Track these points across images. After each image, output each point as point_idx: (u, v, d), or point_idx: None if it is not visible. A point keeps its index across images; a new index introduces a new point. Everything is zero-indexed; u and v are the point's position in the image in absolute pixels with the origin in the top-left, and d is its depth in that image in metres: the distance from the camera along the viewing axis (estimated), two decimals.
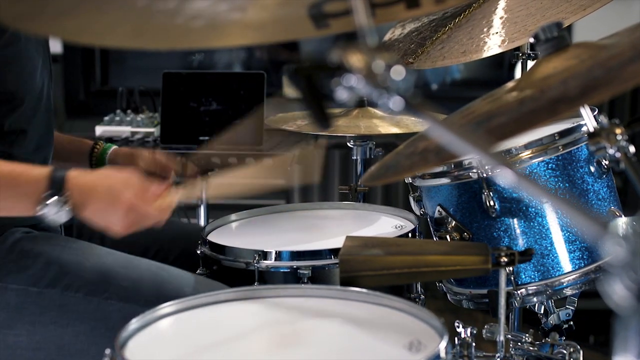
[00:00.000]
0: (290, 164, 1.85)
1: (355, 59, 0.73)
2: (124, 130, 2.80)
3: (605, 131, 1.26)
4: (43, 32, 0.94)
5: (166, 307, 1.36)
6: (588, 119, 1.32)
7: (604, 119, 1.32)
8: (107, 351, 1.21)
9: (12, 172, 1.56)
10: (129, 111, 2.89)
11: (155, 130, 2.81)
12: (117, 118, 2.84)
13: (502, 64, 4.38)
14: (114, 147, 2.13)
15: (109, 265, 1.71)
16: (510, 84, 1.49)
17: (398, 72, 0.71)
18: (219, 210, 2.84)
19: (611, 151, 1.24)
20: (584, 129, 1.67)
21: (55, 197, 1.52)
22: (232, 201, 2.47)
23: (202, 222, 2.72)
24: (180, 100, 2.70)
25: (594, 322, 3.75)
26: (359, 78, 0.73)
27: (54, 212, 1.52)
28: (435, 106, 0.96)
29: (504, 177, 0.64)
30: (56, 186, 1.53)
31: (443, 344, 1.19)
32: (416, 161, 1.23)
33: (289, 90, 4.07)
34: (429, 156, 1.19)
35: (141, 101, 3.01)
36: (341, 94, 0.74)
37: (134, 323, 1.29)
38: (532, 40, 1.34)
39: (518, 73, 4.31)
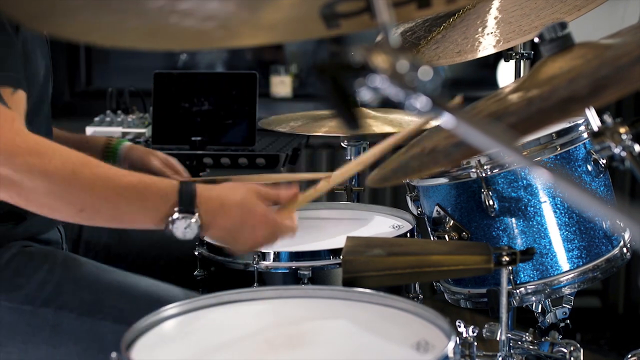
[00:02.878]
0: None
1: (380, 59, 0.73)
2: (115, 131, 2.78)
3: (610, 130, 1.27)
4: (55, 32, 0.93)
5: (170, 309, 1.35)
6: (592, 119, 1.32)
7: (608, 118, 1.32)
8: (114, 355, 1.20)
9: (141, 182, 1.44)
10: (119, 112, 2.87)
11: (146, 131, 2.80)
12: (108, 119, 2.81)
13: (486, 64, 4.39)
14: (128, 142, 2.10)
15: (105, 285, 1.67)
16: (512, 84, 1.50)
17: (426, 73, 0.71)
18: None
19: (616, 150, 1.24)
20: (581, 128, 1.68)
21: (185, 214, 1.42)
22: None
23: None
24: (172, 101, 2.69)
25: (581, 320, 3.77)
26: (384, 78, 0.73)
27: (183, 228, 1.42)
28: None
29: (538, 177, 0.64)
30: (186, 201, 1.43)
31: (452, 345, 1.19)
32: (425, 162, 1.23)
33: (277, 90, 4.07)
34: (438, 157, 1.18)
35: (130, 102, 2.99)
36: (366, 95, 0.74)
37: (139, 325, 1.28)
38: (536, 40, 1.34)
39: (501, 73, 4.35)
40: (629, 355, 1.74)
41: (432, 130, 1.49)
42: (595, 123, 1.31)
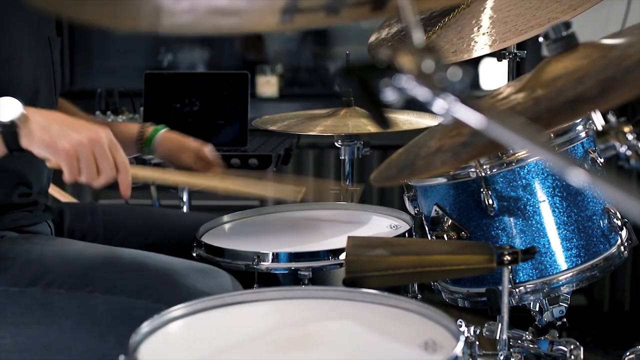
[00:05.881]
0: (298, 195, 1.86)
1: (406, 60, 0.73)
2: None
3: (614, 130, 1.27)
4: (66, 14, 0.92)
5: (175, 311, 1.34)
6: (596, 118, 1.33)
7: (612, 118, 1.33)
8: (121, 357, 1.19)
9: None
10: (108, 112, 2.85)
11: None
12: (98, 120, 2.80)
13: (468, 64, 4.39)
14: (166, 129, 2.07)
15: (91, 258, 1.67)
16: (512, 84, 1.50)
17: (455, 73, 0.71)
18: (201, 211, 2.82)
19: (622, 150, 1.25)
20: (579, 127, 1.69)
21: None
22: (217, 202, 2.45)
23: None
24: (163, 101, 2.67)
25: (567, 318, 3.79)
26: (410, 79, 0.73)
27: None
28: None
29: (574, 177, 0.64)
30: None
31: (460, 345, 1.19)
32: (432, 161, 1.23)
33: (263, 90, 4.06)
34: (445, 156, 1.18)
35: (118, 102, 2.97)
36: (391, 95, 0.74)
37: (145, 327, 1.27)
38: (541, 39, 1.34)
39: (483, 73, 4.36)
40: (627, 353, 1.75)
41: (436, 129, 1.49)
42: (599, 122, 1.32)
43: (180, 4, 0.94)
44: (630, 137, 1.25)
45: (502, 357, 1.50)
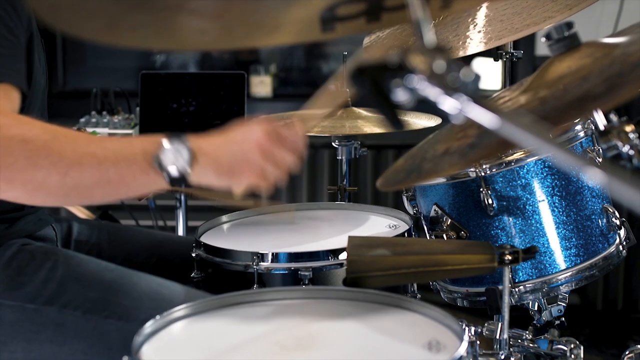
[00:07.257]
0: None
1: (418, 60, 0.73)
2: (102, 132, 2.75)
3: (616, 129, 1.27)
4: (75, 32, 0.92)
5: (178, 311, 1.34)
6: (598, 118, 1.33)
7: (613, 117, 1.33)
8: (125, 358, 1.19)
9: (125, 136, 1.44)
10: (104, 112, 2.83)
11: (133, 132, 2.77)
12: (94, 120, 2.78)
13: None
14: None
15: (109, 283, 1.66)
16: (517, 85, 1.50)
17: (468, 74, 0.71)
18: (198, 212, 2.82)
19: (624, 149, 1.25)
20: (578, 127, 1.69)
21: (173, 141, 1.37)
22: (211, 203, 2.43)
23: (180, 227, 2.69)
24: (159, 101, 2.66)
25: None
26: (421, 79, 0.73)
27: (172, 155, 1.36)
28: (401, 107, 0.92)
29: (591, 177, 0.65)
30: (174, 135, 1.39)
31: (464, 344, 1.19)
32: (440, 163, 1.23)
33: (256, 90, 4.06)
34: (453, 158, 1.18)
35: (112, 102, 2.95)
36: (403, 95, 0.73)
37: (148, 327, 1.27)
38: (543, 39, 1.34)
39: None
40: (627, 352, 1.75)
41: (442, 132, 1.49)
42: (602, 122, 1.32)
43: (209, 22, 0.94)
44: (632, 136, 1.26)
45: (502, 357, 1.50)
